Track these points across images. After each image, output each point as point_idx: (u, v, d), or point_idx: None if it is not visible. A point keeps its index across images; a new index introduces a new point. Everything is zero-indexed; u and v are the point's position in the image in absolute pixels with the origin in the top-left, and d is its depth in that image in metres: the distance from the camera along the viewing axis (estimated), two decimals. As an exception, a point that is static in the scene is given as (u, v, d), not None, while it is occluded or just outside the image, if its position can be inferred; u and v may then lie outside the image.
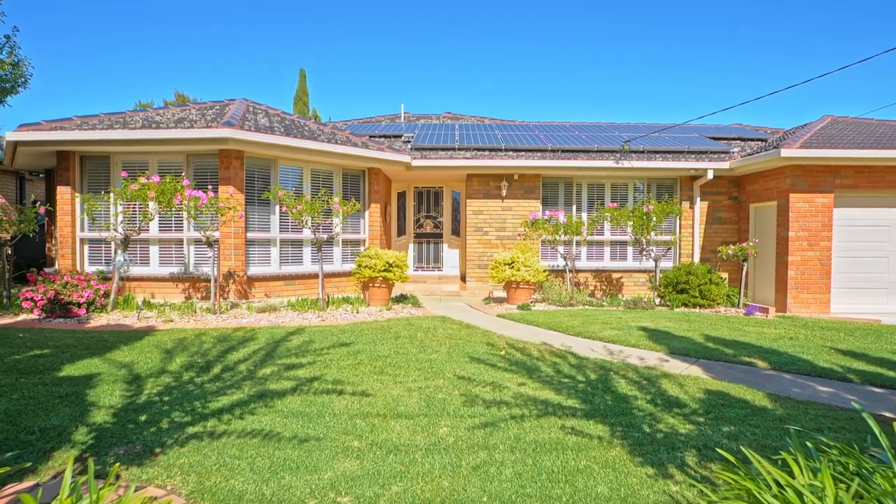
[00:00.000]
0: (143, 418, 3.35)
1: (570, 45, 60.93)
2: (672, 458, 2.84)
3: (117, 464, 2.43)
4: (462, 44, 61.38)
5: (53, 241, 11.30)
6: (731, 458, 2.13)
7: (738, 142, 13.32)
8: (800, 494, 1.77)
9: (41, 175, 14.54)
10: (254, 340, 5.70)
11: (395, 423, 3.36)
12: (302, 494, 2.44)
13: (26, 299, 6.93)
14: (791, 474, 1.89)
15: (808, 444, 2.16)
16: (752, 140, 13.42)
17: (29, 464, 2.51)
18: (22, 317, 6.98)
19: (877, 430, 2.07)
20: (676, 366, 5.18)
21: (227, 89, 53.40)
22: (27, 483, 2.48)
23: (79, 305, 7.09)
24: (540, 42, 60.78)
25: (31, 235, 8.74)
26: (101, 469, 2.56)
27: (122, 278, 8.32)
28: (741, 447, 2.39)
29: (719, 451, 2.43)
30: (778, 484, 1.89)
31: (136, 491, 2.20)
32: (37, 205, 8.46)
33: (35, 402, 3.56)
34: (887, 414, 3.89)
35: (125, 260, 7.47)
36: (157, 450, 2.89)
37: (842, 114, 13.56)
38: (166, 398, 3.74)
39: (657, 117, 55.78)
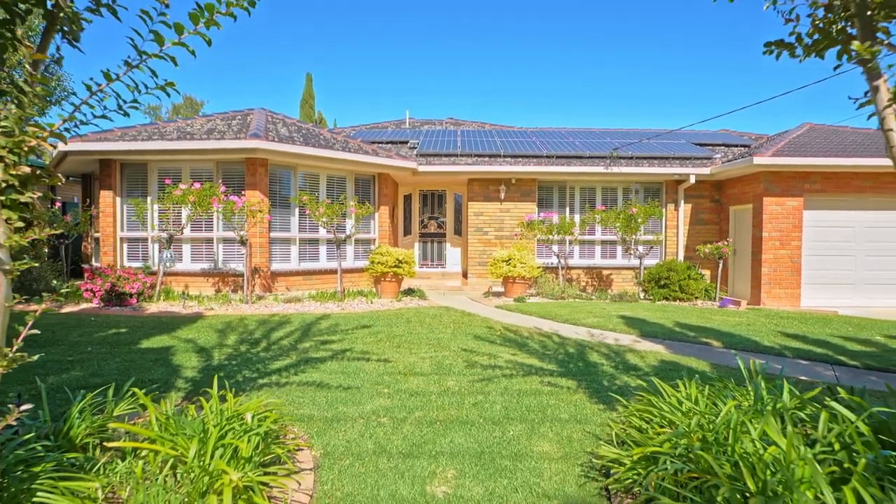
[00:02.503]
0: (221, 374, 4.39)
1: (571, 45, 61.90)
2: (619, 399, 3.86)
3: (233, 389, 3.47)
4: (463, 44, 62.39)
5: (89, 240, 12.36)
6: (644, 384, 3.16)
7: (722, 148, 14.30)
8: (679, 400, 2.80)
9: (72, 179, 15.62)
10: (289, 323, 6.76)
11: (413, 379, 4.40)
12: (353, 417, 3.49)
13: (87, 290, 7.98)
14: (677, 390, 2.92)
15: (696, 376, 3.19)
16: (735, 146, 14.39)
17: (173, 393, 3.55)
18: (83, 305, 8.04)
19: (742, 367, 3.10)
20: (643, 344, 6.20)
21: (230, 90, 54.42)
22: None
23: (131, 296, 8.15)
24: (541, 43, 61.78)
25: (83, 235, 9.80)
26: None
27: (164, 273, 9.38)
28: (654, 380, 3.41)
29: (639, 381, 3.46)
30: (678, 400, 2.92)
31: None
32: (91, 208, 9.52)
33: (135, 364, 4.61)
34: (803, 377, 4.90)
35: (170, 256, 8.52)
36: (241, 394, 3.93)
37: (827, 120, 14.53)
38: (234, 362, 4.79)
39: (655, 120, 56.65)
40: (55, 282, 8.91)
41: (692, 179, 12.13)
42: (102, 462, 2.42)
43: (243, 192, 9.55)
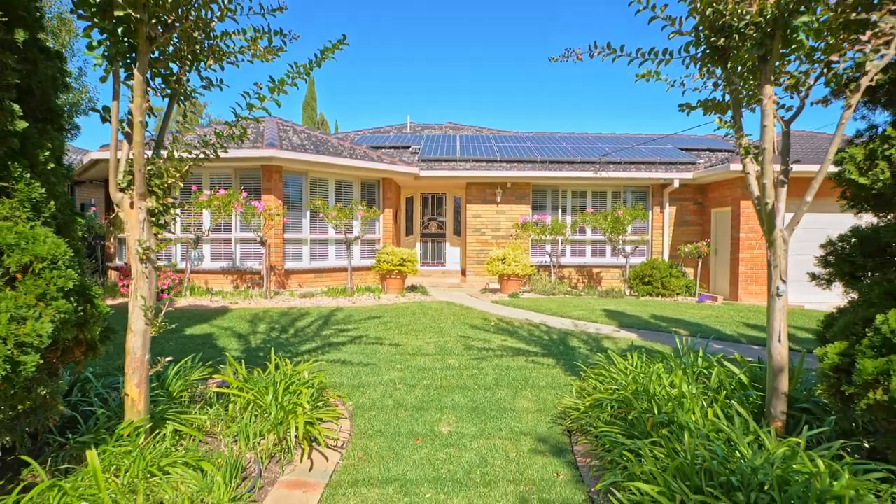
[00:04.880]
0: (261, 354, 5.28)
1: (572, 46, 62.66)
2: (586, 371, 4.76)
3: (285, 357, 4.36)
4: (462, 45, 63.21)
5: (113, 240, 13.24)
6: (603, 357, 4.07)
7: (707, 153, 15.18)
8: (625, 366, 3.70)
9: (96, 183, 16.48)
10: (308, 315, 7.65)
11: (420, 358, 5.30)
12: (374, 384, 4.39)
13: (123, 286, 8.87)
14: (625, 359, 3.82)
15: (643, 350, 4.09)
16: (720, 151, 15.27)
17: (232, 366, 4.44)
18: (119, 300, 8.92)
19: (678, 342, 3.99)
20: (620, 333, 7.10)
21: (232, 92, 55.13)
22: (217, 378, 4.41)
23: (162, 291, 9.03)
24: (542, 42, 62.63)
25: (103, 236, 10.68)
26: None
27: (191, 271, 10.27)
28: (610, 354, 4.31)
29: (599, 355, 4.37)
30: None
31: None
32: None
33: (187, 346, 5.50)
34: (749, 358, 5.79)
35: (197, 256, 9.40)
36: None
37: (813, 122, 15.38)
38: (269, 345, 5.68)
39: (654, 121, 57.52)
40: (91, 279, 9.81)
41: (676, 183, 13.00)
42: (197, 408, 3.32)
43: (260, 197, 10.42)
